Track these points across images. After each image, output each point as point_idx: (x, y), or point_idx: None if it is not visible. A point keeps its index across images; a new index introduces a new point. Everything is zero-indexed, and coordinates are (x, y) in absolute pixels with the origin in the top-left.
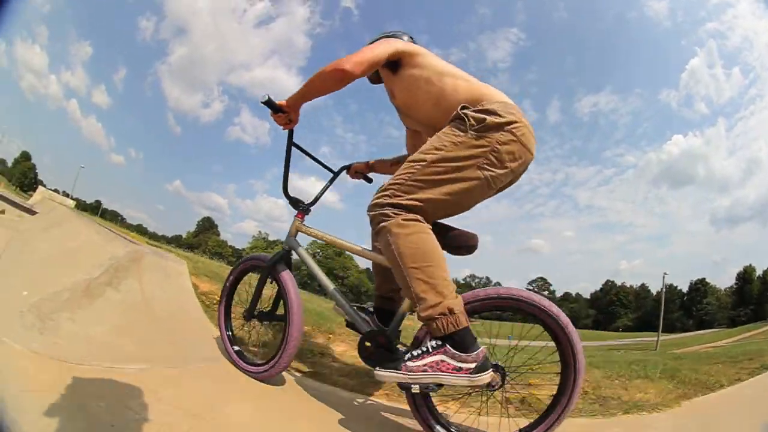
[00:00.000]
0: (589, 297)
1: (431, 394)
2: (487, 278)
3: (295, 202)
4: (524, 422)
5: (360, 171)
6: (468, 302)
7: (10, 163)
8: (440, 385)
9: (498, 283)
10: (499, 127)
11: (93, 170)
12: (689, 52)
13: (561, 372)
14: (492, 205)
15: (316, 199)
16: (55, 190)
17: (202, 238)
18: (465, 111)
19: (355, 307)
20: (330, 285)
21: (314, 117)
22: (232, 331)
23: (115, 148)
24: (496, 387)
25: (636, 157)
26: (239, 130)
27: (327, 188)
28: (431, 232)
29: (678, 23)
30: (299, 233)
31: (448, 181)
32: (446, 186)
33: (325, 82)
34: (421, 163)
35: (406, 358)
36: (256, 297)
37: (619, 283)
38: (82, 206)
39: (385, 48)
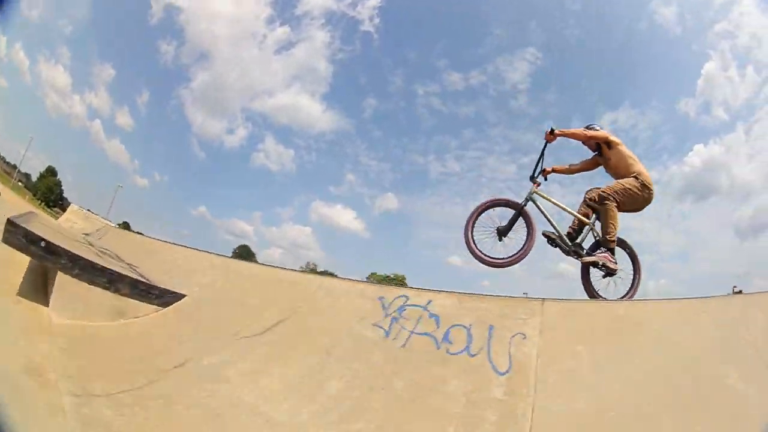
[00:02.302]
0: None
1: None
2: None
3: (532, 178)
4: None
5: (557, 171)
6: None
7: (34, 178)
8: (604, 265)
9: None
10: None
11: (116, 191)
12: (703, 57)
13: (633, 271)
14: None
15: (547, 172)
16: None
17: None
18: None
19: (559, 233)
20: (553, 221)
21: (338, 144)
22: (474, 239)
23: (139, 171)
24: (617, 274)
25: (659, 172)
26: (263, 157)
27: (540, 162)
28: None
29: (688, 27)
30: (534, 194)
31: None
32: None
33: (576, 135)
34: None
35: (596, 252)
36: (509, 225)
37: None
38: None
39: (607, 133)
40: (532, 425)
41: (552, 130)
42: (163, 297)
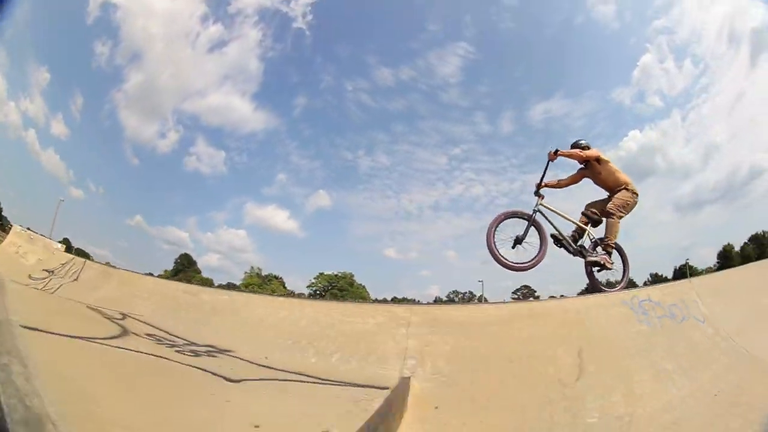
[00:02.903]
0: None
1: (591, 268)
2: (470, 292)
3: (536, 192)
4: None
5: (549, 185)
6: None
7: None
8: (603, 265)
9: (483, 296)
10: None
11: (53, 205)
12: (639, 50)
13: (623, 265)
14: (453, 219)
15: (541, 187)
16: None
17: (183, 277)
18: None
19: (564, 237)
20: (558, 227)
21: (269, 144)
22: (497, 245)
23: (74, 181)
24: (612, 269)
25: None
26: (195, 160)
27: (543, 178)
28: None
29: (626, 23)
30: (540, 206)
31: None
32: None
33: (574, 156)
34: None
35: (597, 252)
36: (524, 233)
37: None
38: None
39: (598, 152)
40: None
41: (556, 151)
42: None
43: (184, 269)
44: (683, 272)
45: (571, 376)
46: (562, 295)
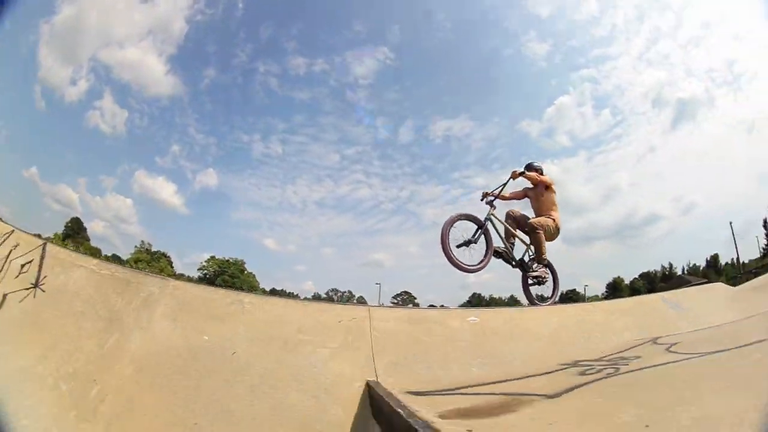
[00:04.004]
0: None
1: (530, 282)
2: (350, 292)
3: (490, 202)
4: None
5: (500, 197)
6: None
7: None
8: (542, 278)
9: (361, 297)
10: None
11: None
12: (560, 90)
13: (553, 281)
14: (335, 218)
15: (494, 198)
16: None
17: (72, 244)
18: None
19: (507, 250)
20: (501, 241)
21: (170, 111)
22: (450, 244)
23: None
24: (546, 283)
25: (486, 179)
26: (98, 116)
27: (501, 191)
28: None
29: (554, 64)
30: (491, 216)
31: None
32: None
33: (533, 179)
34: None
35: (534, 267)
36: (475, 237)
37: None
38: None
39: (552, 180)
40: None
41: (522, 173)
42: None
43: (74, 235)
44: (570, 297)
45: None
46: (442, 305)
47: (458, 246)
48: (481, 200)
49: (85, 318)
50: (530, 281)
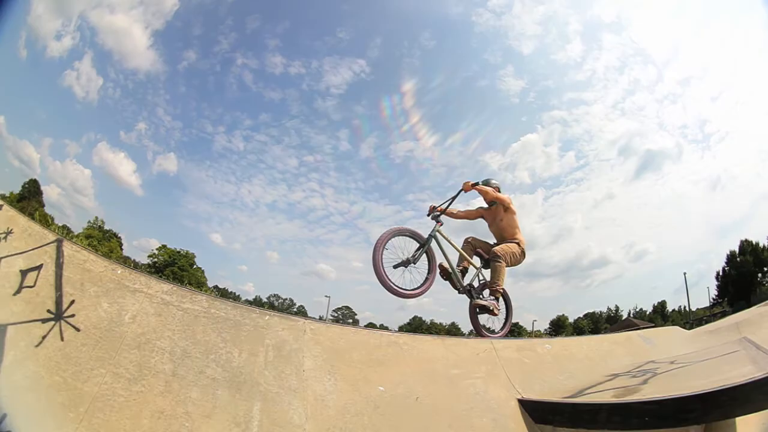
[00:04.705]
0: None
1: (478, 311)
2: (291, 299)
3: (437, 217)
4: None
5: (447, 213)
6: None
7: None
8: (491, 310)
9: (302, 307)
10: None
11: None
12: (528, 128)
13: (506, 312)
14: (284, 222)
15: (442, 212)
16: None
17: (27, 206)
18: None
19: (455, 272)
20: (450, 260)
21: (143, 87)
22: (384, 266)
23: None
24: (498, 315)
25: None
26: (74, 77)
27: (449, 205)
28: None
29: (526, 102)
30: (437, 232)
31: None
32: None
33: (488, 194)
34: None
35: (485, 296)
36: (415, 256)
37: (427, 319)
38: None
39: (510, 200)
40: None
41: (475, 184)
42: None
43: (30, 197)
44: (512, 332)
45: None
46: (382, 325)
47: (395, 266)
48: (428, 215)
49: (186, 382)
50: (478, 310)
